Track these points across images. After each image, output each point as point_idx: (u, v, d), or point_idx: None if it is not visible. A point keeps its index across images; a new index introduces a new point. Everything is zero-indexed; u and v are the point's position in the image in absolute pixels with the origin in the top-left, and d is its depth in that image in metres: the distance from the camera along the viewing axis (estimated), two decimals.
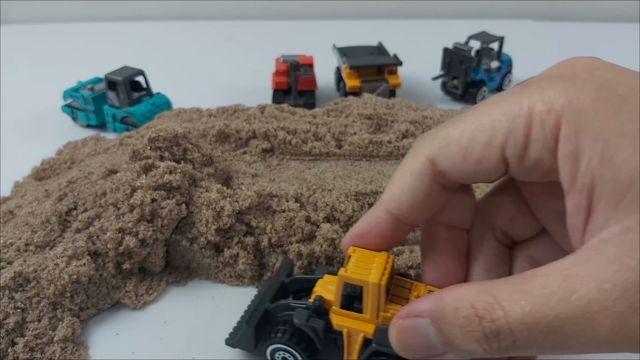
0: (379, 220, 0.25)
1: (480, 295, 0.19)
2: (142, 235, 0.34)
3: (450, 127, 0.22)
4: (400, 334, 0.22)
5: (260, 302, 0.29)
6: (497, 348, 0.18)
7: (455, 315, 0.19)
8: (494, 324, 0.18)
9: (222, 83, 0.71)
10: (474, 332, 0.19)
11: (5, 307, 0.32)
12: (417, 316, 0.21)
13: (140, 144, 0.38)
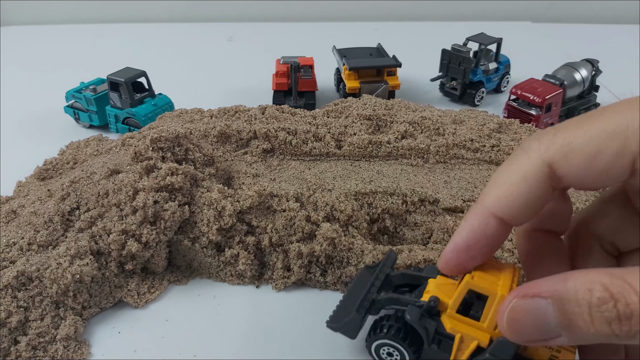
0: (486, 226, 0.23)
1: (613, 279, 0.19)
2: (145, 238, 0.35)
3: (572, 130, 0.21)
4: (513, 313, 0.22)
5: (369, 292, 0.29)
6: (627, 331, 0.19)
7: (587, 295, 0.19)
8: (628, 308, 0.19)
9: (223, 84, 0.72)
10: (607, 314, 0.19)
11: (8, 306, 0.32)
12: (535, 296, 0.21)
13: (142, 145, 0.38)
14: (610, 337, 0.20)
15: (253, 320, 0.35)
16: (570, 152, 0.21)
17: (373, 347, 0.30)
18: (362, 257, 0.36)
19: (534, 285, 0.21)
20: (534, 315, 0.21)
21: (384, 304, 0.29)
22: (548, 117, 0.55)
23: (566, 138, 0.21)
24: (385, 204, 0.38)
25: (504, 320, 0.22)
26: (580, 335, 0.20)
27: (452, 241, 0.24)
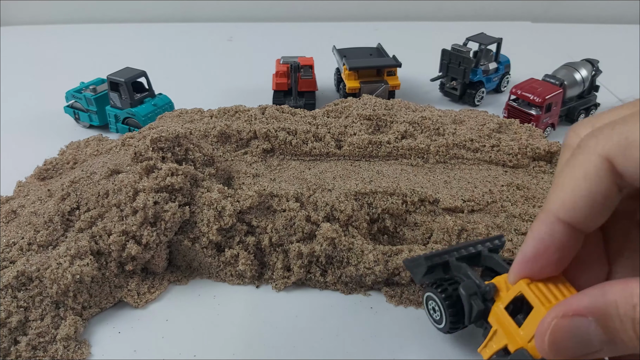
0: (553, 233, 0.22)
1: None
2: (145, 240, 0.35)
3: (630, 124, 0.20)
4: (555, 334, 0.21)
5: (449, 252, 0.30)
6: None
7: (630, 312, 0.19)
8: None
9: (223, 84, 0.72)
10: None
11: (8, 306, 0.32)
12: (575, 315, 0.21)
13: (142, 145, 0.38)
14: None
15: (253, 320, 0.35)
16: (628, 147, 0.20)
17: (425, 295, 0.31)
18: (362, 257, 0.36)
19: (573, 302, 0.21)
20: (576, 335, 0.21)
21: (453, 269, 0.30)
22: (548, 117, 0.55)
23: (623, 132, 0.20)
24: (385, 204, 0.38)
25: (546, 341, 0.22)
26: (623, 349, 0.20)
27: (520, 252, 0.23)
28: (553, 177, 0.22)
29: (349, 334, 0.34)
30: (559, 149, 0.45)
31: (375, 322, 0.34)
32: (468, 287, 0.28)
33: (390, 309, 0.35)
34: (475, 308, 0.27)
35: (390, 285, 0.37)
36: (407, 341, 0.33)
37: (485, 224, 0.37)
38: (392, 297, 0.36)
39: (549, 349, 0.22)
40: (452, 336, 0.33)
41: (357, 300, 0.36)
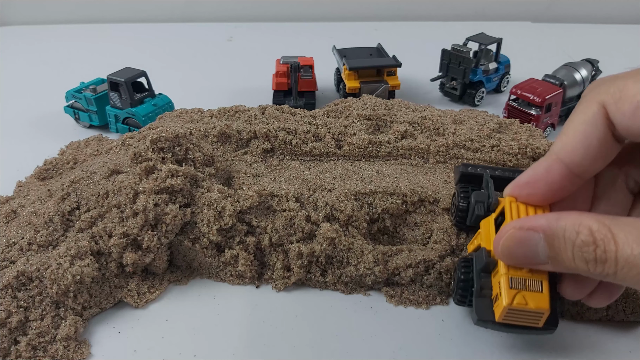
0: (549, 169, 0.25)
1: (600, 227, 0.22)
2: (146, 245, 0.35)
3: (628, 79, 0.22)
4: (508, 241, 0.25)
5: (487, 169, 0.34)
6: (600, 272, 0.22)
7: (573, 236, 0.22)
8: (604, 254, 0.21)
9: (223, 84, 0.72)
10: (586, 255, 0.22)
11: (8, 306, 0.32)
12: (530, 229, 0.24)
13: (142, 146, 0.38)
14: (587, 273, 0.23)
15: (253, 320, 0.35)
16: (620, 100, 0.22)
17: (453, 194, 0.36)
18: (362, 257, 0.36)
19: (532, 220, 0.24)
20: (526, 246, 0.24)
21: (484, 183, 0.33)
22: (548, 117, 0.55)
23: (619, 86, 0.22)
24: (385, 204, 0.38)
25: (499, 245, 0.26)
26: (563, 267, 0.24)
27: (518, 176, 0.27)
28: None
29: (349, 334, 0.34)
30: None
31: (375, 322, 0.34)
32: (478, 195, 0.32)
33: (390, 309, 0.35)
34: (476, 213, 0.32)
35: (390, 285, 0.37)
36: (407, 341, 0.33)
37: None
38: (392, 297, 0.36)
39: (501, 253, 0.26)
40: (452, 336, 0.33)
41: (357, 300, 0.36)
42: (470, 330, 0.34)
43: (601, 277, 0.22)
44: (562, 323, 0.34)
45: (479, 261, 0.29)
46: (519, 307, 0.26)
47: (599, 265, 0.22)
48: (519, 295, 0.26)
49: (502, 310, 0.27)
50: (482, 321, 0.28)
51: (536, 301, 0.26)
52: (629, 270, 0.21)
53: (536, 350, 0.32)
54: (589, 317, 0.34)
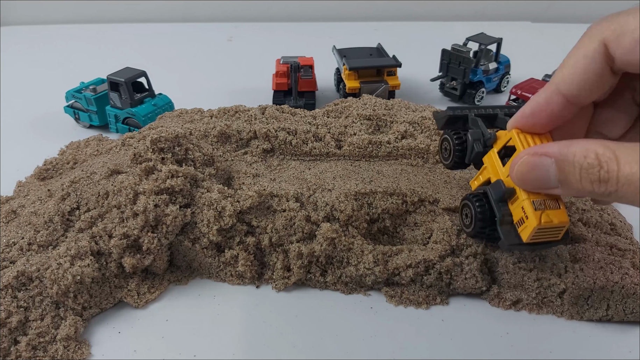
0: (549, 100, 0.28)
1: (605, 150, 0.24)
2: (146, 246, 0.35)
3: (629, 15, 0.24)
4: (523, 167, 0.28)
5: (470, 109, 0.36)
6: (603, 191, 0.24)
7: (581, 160, 0.25)
8: (607, 174, 0.24)
9: (223, 84, 0.72)
10: (591, 175, 0.24)
11: (8, 306, 0.32)
12: (543, 155, 0.27)
13: (142, 146, 0.38)
14: (592, 193, 0.25)
15: (253, 320, 0.35)
16: (621, 35, 0.24)
17: (440, 139, 0.38)
18: (362, 257, 0.36)
19: (544, 147, 0.27)
20: (539, 170, 0.27)
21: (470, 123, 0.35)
22: None
23: (620, 22, 0.24)
24: (385, 204, 0.38)
25: (515, 170, 0.28)
26: (571, 190, 0.26)
27: (521, 109, 0.29)
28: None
29: (349, 334, 0.34)
30: None
31: (375, 322, 0.34)
32: (474, 133, 0.34)
33: (390, 309, 0.35)
34: (475, 150, 0.33)
35: (390, 285, 0.37)
36: (407, 341, 0.33)
37: None
38: (392, 297, 0.36)
39: (516, 178, 0.29)
40: (452, 336, 0.33)
41: (357, 300, 0.36)
42: (470, 330, 0.34)
43: (605, 196, 0.24)
44: (562, 323, 0.34)
45: (497, 192, 0.31)
46: (547, 225, 0.29)
47: (602, 185, 0.24)
48: (544, 214, 0.29)
49: (532, 231, 0.29)
50: (512, 245, 0.31)
51: (559, 217, 0.29)
52: (628, 187, 0.23)
53: (536, 350, 0.32)
54: (589, 317, 0.34)
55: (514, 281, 0.35)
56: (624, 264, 0.35)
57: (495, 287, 0.36)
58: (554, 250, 0.35)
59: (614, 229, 0.40)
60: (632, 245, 0.38)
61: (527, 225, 0.29)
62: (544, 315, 0.35)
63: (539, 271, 0.35)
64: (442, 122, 0.37)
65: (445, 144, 0.37)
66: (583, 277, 0.33)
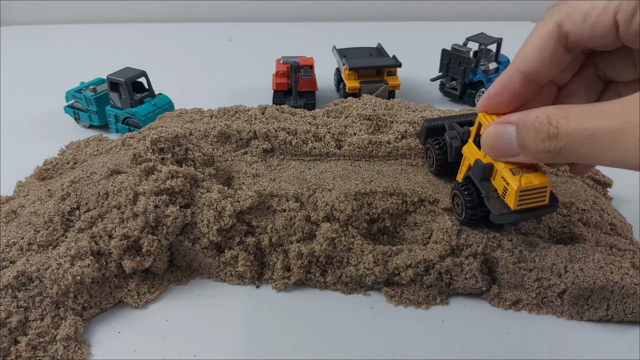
0: (511, 79, 0.30)
1: (557, 110, 0.26)
2: (146, 249, 0.35)
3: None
4: (489, 135, 0.30)
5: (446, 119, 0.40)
6: (553, 147, 0.26)
7: (534, 121, 0.27)
8: (556, 129, 0.26)
9: (223, 84, 0.72)
10: (541, 133, 0.26)
11: (8, 306, 0.32)
12: (506, 123, 0.29)
13: (142, 147, 0.38)
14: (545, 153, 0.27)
15: (253, 320, 0.35)
16: (572, 12, 0.27)
17: (425, 148, 0.41)
18: (362, 257, 0.36)
19: (507, 116, 0.29)
20: (503, 137, 0.29)
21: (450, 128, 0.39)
22: None
23: (572, 4, 0.27)
24: (385, 204, 0.38)
25: (483, 141, 0.31)
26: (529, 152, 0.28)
27: (486, 91, 0.32)
28: None
29: (349, 334, 0.34)
30: None
31: (375, 322, 0.34)
32: (450, 133, 0.38)
33: (390, 309, 0.35)
34: (454, 146, 0.37)
35: (390, 285, 0.37)
36: (407, 341, 0.33)
37: (485, 224, 0.37)
38: (392, 297, 0.36)
39: (484, 147, 0.31)
40: (452, 336, 0.33)
41: (357, 300, 0.36)
42: (470, 330, 0.34)
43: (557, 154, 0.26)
44: (562, 323, 0.34)
45: (477, 170, 0.34)
46: (527, 187, 0.31)
47: (552, 141, 0.26)
48: (523, 177, 0.31)
49: (515, 194, 0.31)
50: (502, 215, 0.32)
51: (538, 178, 0.31)
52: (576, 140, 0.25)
53: (536, 350, 0.32)
54: (589, 317, 0.34)
55: (514, 281, 0.35)
56: (624, 264, 0.34)
57: (495, 287, 0.36)
58: (554, 251, 0.35)
59: (614, 229, 0.40)
60: (632, 245, 0.38)
61: (509, 191, 0.31)
62: (544, 315, 0.35)
63: (539, 271, 0.34)
64: (422, 137, 0.41)
65: (429, 152, 0.41)
66: (583, 277, 0.33)
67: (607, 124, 0.23)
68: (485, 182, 0.33)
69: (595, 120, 0.24)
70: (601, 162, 0.25)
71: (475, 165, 0.34)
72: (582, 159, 0.25)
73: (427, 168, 0.42)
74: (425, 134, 0.40)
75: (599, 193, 0.44)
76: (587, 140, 0.24)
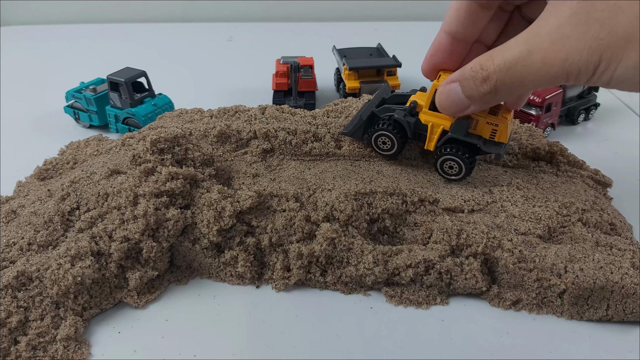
0: (441, 40, 0.36)
1: (484, 56, 0.30)
2: (146, 255, 0.35)
3: None
4: (441, 97, 0.34)
5: (369, 107, 0.42)
6: (489, 88, 0.30)
7: (470, 72, 0.31)
8: (486, 71, 0.30)
9: (223, 84, 0.72)
10: (477, 79, 0.30)
11: (8, 306, 0.32)
12: (450, 82, 0.33)
13: (142, 147, 0.38)
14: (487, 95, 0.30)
15: (253, 320, 0.35)
16: None
17: (373, 138, 0.41)
18: (362, 257, 0.36)
19: (450, 76, 0.33)
20: (451, 95, 0.33)
21: (382, 113, 0.41)
22: (548, 117, 0.55)
23: None
24: (385, 204, 0.38)
25: (437, 103, 0.35)
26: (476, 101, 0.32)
27: (426, 54, 0.37)
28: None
29: (349, 334, 0.34)
30: (559, 149, 0.45)
31: (375, 322, 0.34)
32: (400, 112, 0.40)
33: (390, 309, 0.35)
34: (410, 123, 0.39)
35: (390, 285, 0.37)
36: (407, 341, 0.33)
37: (485, 224, 0.37)
38: (392, 297, 0.36)
39: (441, 109, 0.36)
40: (452, 336, 0.33)
41: (357, 300, 0.36)
42: (470, 330, 0.34)
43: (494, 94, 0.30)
44: (562, 323, 0.34)
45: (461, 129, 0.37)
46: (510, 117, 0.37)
47: (487, 83, 0.30)
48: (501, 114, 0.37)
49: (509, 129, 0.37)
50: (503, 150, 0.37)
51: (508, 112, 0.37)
52: (502, 74, 0.29)
53: (536, 350, 0.32)
54: (589, 317, 0.34)
55: (514, 281, 0.35)
56: (624, 264, 0.34)
57: (495, 287, 0.36)
58: (554, 251, 0.35)
59: (614, 229, 0.40)
60: (632, 245, 0.38)
61: (501, 129, 0.37)
62: (544, 315, 0.35)
63: (539, 271, 0.34)
64: (359, 131, 0.42)
65: (381, 139, 0.41)
66: (583, 277, 0.33)
67: (517, 52, 0.28)
68: (470, 136, 0.37)
69: (509, 52, 0.28)
70: (525, 86, 0.28)
71: (458, 124, 0.37)
72: (514, 90, 0.29)
73: (378, 156, 0.43)
74: (363, 126, 0.42)
75: (599, 193, 0.44)
76: (509, 71, 0.28)
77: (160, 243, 0.36)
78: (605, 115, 0.62)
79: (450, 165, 0.39)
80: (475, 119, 0.37)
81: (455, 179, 0.40)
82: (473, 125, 0.37)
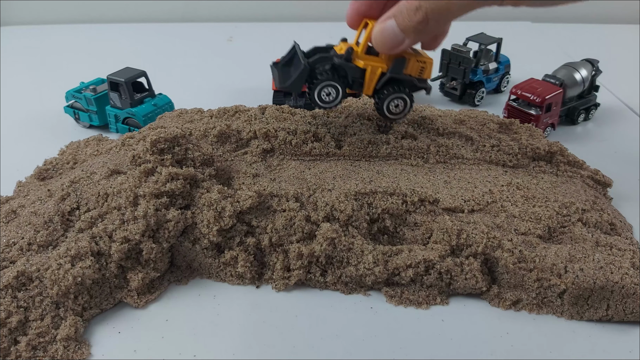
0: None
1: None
2: (146, 257, 0.35)
3: None
4: (377, 34, 0.37)
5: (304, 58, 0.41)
6: (423, 16, 0.33)
7: (404, 5, 0.34)
8: (419, 3, 0.33)
9: (223, 84, 0.72)
10: (411, 10, 0.34)
11: (8, 306, 0.32)
12: (386, 19, 0.36)
13: (141, 148, 0.38)
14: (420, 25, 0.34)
15: (253, 320, 0.35)
16: None
17: (316, 92, 0.41)
18: (362, 257, 0.36)
19: (385, 14, 0.36)
20: (387, 31, 0.36)
21: (318, 62, 0.41)
22: (548, 117, 0.55)
23: None
24: (385, 204, 0.38)
25: (373, 41, 0.37)
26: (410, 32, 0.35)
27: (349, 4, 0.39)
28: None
29: (349, 334, 0.34)
30: (559, 149, 0.45)
31: (375, 322, 0.34)
32: (337, 60, 0.41)
33: (390, 309, 0.35)
34: (353, 68, 0.40)
35: (390, 285, 0.37)
36: (407, 341, 0.33)
37: (485, 224, 0.37)
38: (392, 297, 0.36)
39: (377, 47, 0.37)
40: (452, 336, 0.33)
41: (357, 300, 0.36)
42: (470, 330, 0.34)
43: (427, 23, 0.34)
44: (562, 323, 0.34)
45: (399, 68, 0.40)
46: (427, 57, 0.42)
47: (419, 11, 0.33)
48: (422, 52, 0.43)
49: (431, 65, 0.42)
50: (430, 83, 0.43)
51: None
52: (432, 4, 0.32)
53: (536, 350, 0.32)
54: (589, 317, 0.34)
55: (514, 281, 0.35)
56: (624, 264, 0.34)
57: (495, 287, 0.36)
58: (554, 251, 0.35)
59: (614, 229, 0.40)
60: (632, 245, 0.38)
61: (427, 66, 0.41)
62: (544, 315, 0.35)
63: (539, 271, 0.34)
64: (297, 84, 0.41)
65: (325, 90, 0.41)
66: (583, 277, 0.33)
67: None
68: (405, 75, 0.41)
69: None
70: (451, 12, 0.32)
71: (396, 64, 0.40)
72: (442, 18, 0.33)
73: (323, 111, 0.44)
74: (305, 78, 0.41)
75: (599, 193, 0.44)
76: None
77: (160, 244, 0.36)
78: (605, 115, 0.62)
79: (396, 104, 0.42)
80: (407, 57, 0.40)
81: (401, 117, 0.43)
82: (406, 64, 0.40)
